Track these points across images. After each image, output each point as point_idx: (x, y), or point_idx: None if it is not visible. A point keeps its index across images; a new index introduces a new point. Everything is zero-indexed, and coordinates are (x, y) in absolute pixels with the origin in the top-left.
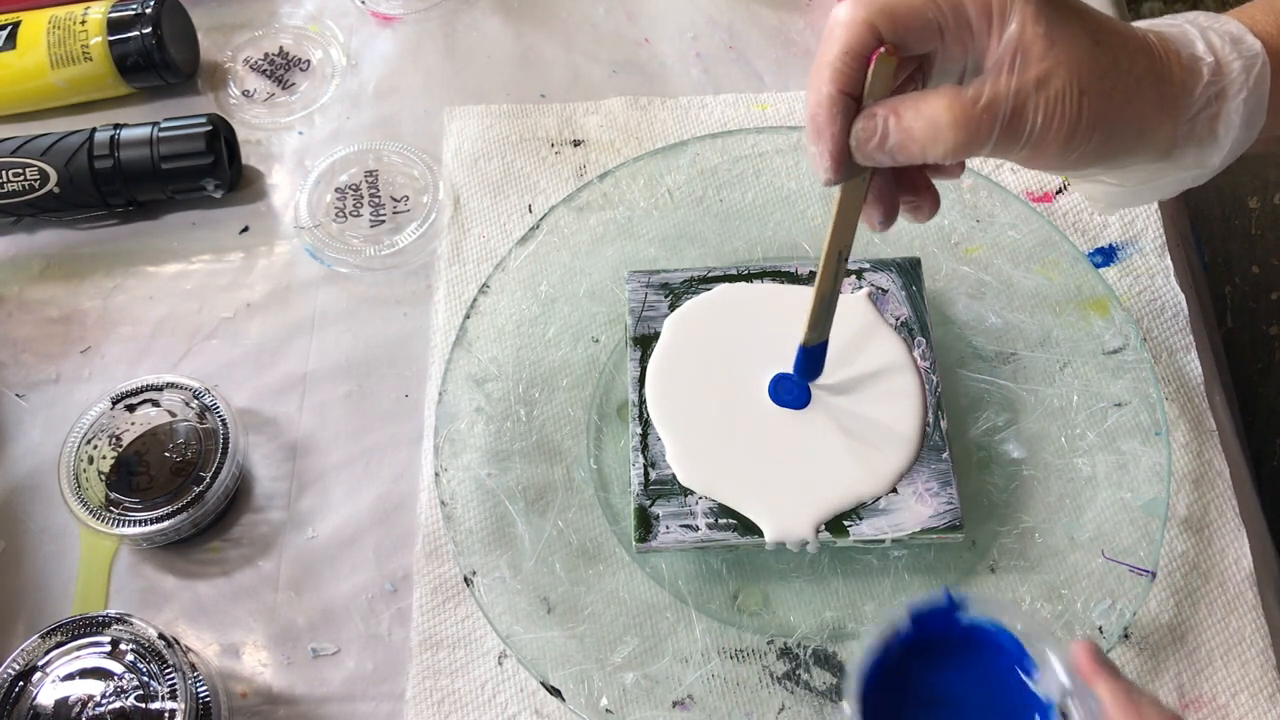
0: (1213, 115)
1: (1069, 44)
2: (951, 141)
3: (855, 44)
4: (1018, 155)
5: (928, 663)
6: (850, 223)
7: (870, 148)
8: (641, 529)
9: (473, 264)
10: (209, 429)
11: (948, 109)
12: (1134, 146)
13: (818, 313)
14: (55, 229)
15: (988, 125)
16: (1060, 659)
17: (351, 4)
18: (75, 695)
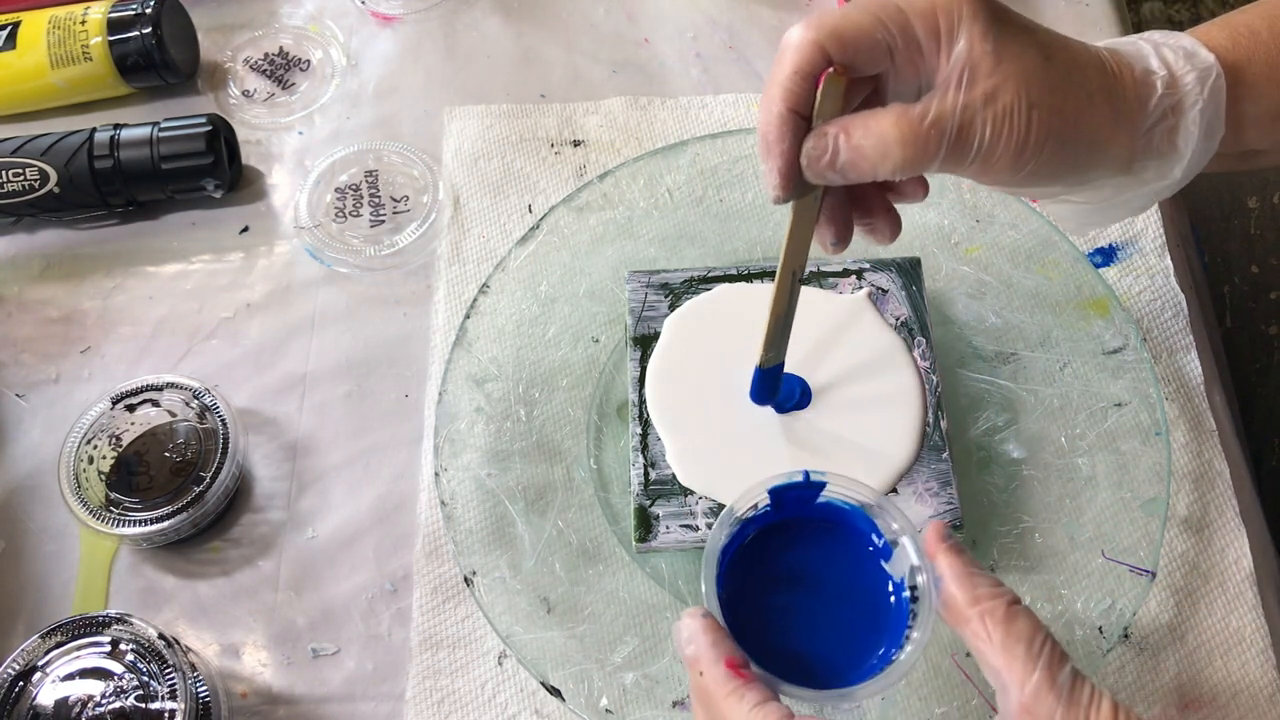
0: (1170, 128)
1: (1018, 60)
2: (899, 157)
3: (805, 65)
4: (968, 170)
5: (785, 542)
6: (803, 243)
7: (821, 165)
8: (641, 529)
9: (473, 264)
10: (209, 429)
11: (894, 125)
12: (1090, 161)
13: (773, 333)
14: (55, 229)
15: (935, 141)
16: (911, 539)
17: (351, 4)
18: (75, 695)
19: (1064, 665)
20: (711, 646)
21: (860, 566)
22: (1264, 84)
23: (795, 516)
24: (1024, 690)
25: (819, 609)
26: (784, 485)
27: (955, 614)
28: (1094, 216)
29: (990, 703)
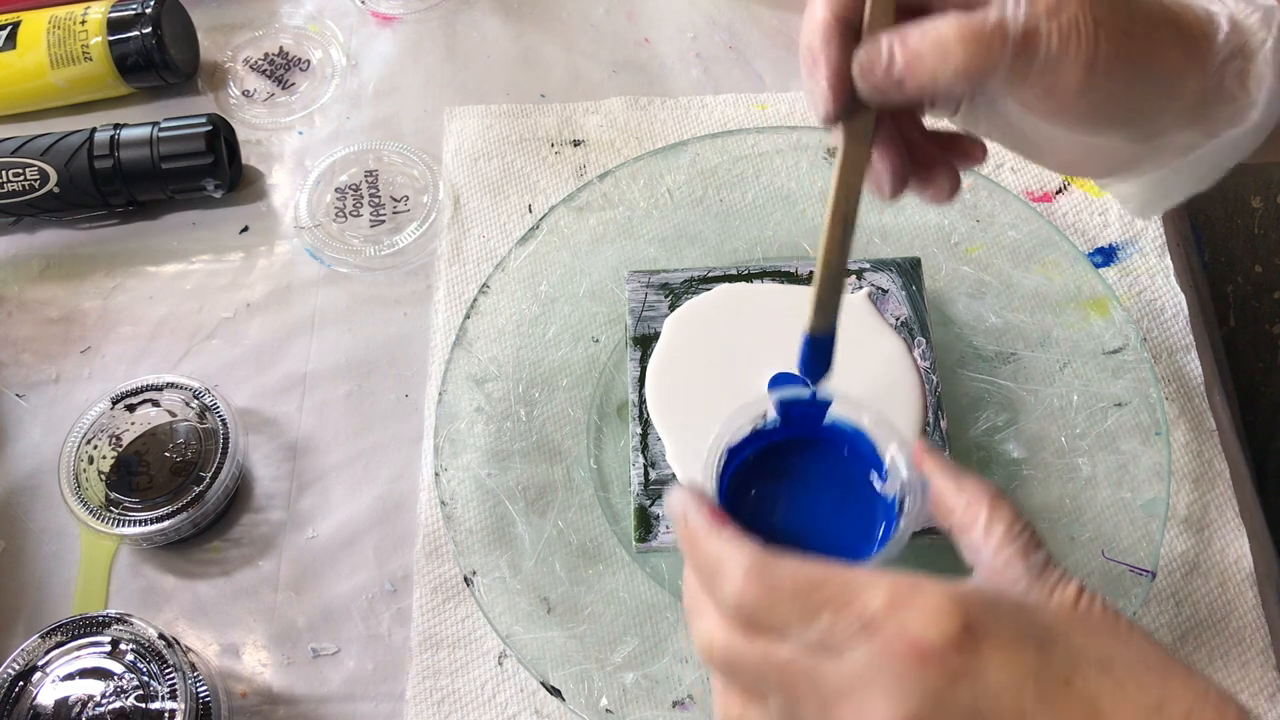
0: (1240, 70)
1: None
2: (960, 58)
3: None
4: (1035, 89)
5: (787, 457)
6: (854, 183)
7: (876, 74)
8: (641, 529)
9: (473, 264)
10: (209, 429)
11: (956, 27)
12: (1160, 102)
13: (824, 293)
14: (55, 229)
15: (999, 42)
16: (904, 458)
17: (351, 4)
18: (75, 695)
19: (1039, 549)
20: (699, 502)
21: (857, 484)
22: None
23: (799, 435)
24: (996, 560)
25: (813, 521)
26: (792, 399)
27: (942, 506)
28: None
29: None
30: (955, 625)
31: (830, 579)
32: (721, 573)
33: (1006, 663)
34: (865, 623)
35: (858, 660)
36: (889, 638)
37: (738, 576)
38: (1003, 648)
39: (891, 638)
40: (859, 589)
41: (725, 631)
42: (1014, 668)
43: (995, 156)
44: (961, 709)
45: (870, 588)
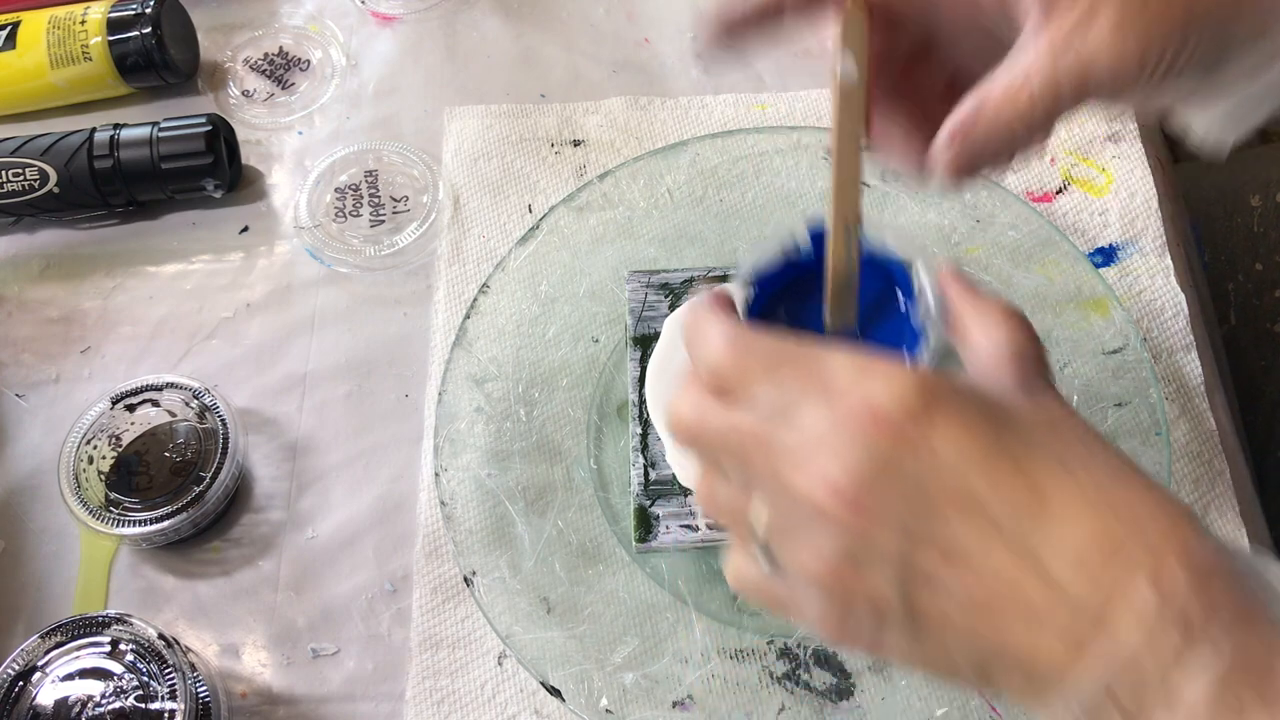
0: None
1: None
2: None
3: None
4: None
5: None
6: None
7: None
8: (641, 529)
9: (473, 264)
10: (209, 429)
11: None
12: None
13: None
14: (55, 229)
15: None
16: (930, 280)
17: (351, 4)
18: (75, 695)
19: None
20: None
21: (886, 310)
22: None
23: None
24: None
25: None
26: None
27: (959, 325)
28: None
29: (991, 704)
30: (914, 396)
31: (803, 351)
32: (705, 342)
33: (959, 437)
34: (826, 388)
35: (814, 423)
36: (845, 402)
37: (719, 343)
38: (958, 423)
39: (848, 402)
40: (828, 360)
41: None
42: (965, 442)
43: None
44: (907, 478)
45: (838, 359)
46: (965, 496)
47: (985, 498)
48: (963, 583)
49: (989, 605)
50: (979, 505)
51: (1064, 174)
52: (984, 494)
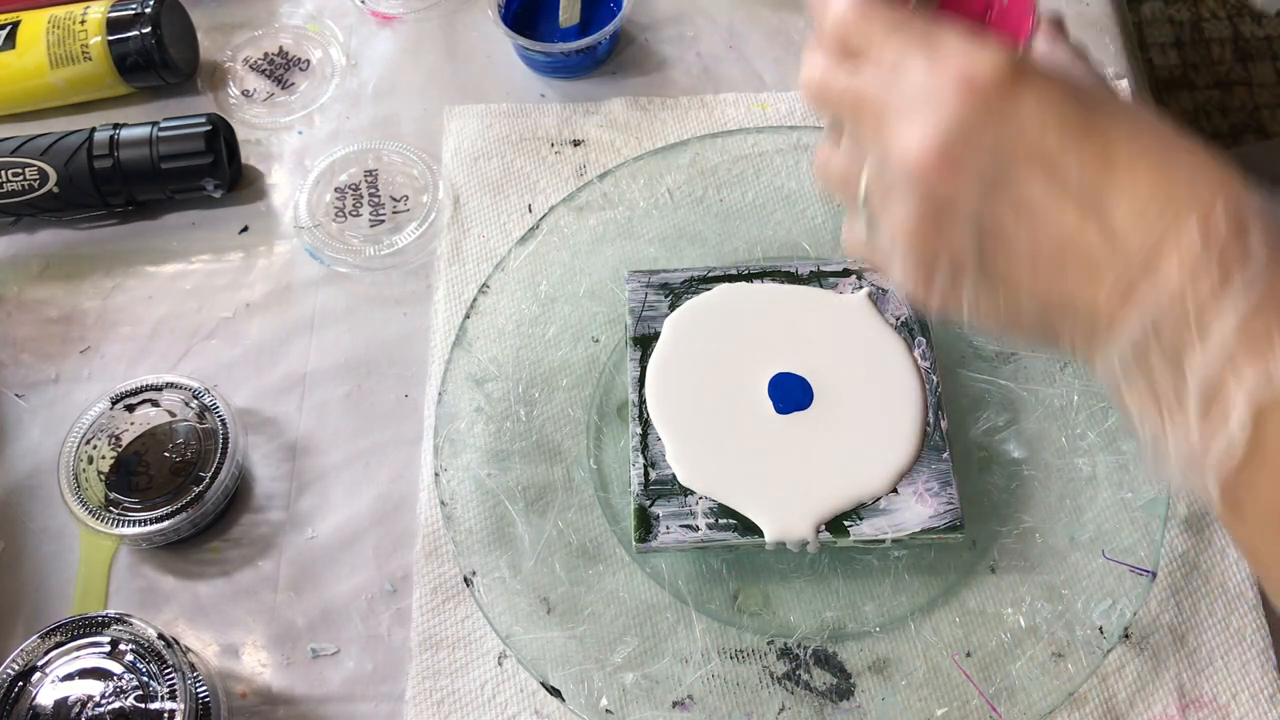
0: None
1: None
2: None
3: None
4: None
5: None
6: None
7: None
8: (641, 529)
9: (473, 264)
10: (209, 429)
11: None
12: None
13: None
14: (55, 229)
15: None
16: None
17: (351, 4)
18: (75, 695)
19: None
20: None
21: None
22: None
23: None
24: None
25: None
26: None
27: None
28: None
29: (991, 704)
30: (1007, 68)
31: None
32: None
33: (1040, 104)
34: (933, 52)
35: (916, 83)
36: (945, 67)
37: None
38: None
39: (948, 67)
40: (939, 30)
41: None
42: (1046, 109)
43: None
44: (987, 140)
45: (951, 31)
46: (1039, 156)
47: (1057, 157)
48: (1032, 237)
49: (1054, 258)
50: (1051, 164)
51: None
52: (1056, 154)
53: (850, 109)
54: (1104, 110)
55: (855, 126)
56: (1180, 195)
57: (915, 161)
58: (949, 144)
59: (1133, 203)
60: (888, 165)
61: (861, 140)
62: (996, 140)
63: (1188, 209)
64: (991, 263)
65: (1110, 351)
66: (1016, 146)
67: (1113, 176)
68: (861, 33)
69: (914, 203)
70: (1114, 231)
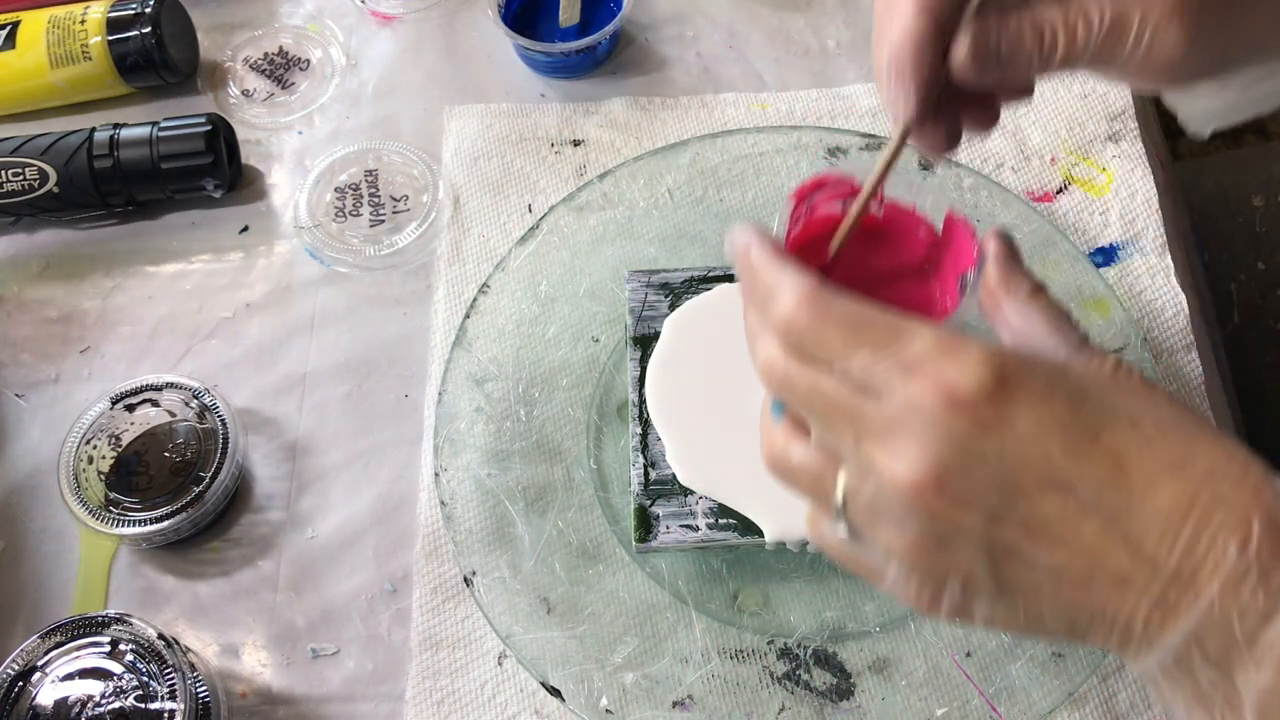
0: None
1: None
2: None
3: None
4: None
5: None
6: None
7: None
8: (641, 529)
9: (473, 264)
10: (208, 429)
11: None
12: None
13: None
14: (55, 229)
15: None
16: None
17: (351, 4)
18: (75, 695)
19: (1078, 328)
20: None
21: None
22: None
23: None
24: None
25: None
26: None
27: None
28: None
29: (991, 704)
30: (990, 376)
31: (879, 319)
32: (777, 298)
33: (1037, 415)
34: (905, 365)
35: (894, 401)
36: (926, 383)
37: (791, 301)
38: (1035, 401)
39: (928, 383)
40: (904, 332)
41: (783, 354)
42: (1044, 420)
43: (995, 156)
44: (988, 457)
45: (915, 333)
46: (1047, 472)
47: (1067, 472)
48: (1051, 555)
49: (1079, 574)
50: (1062, 479)
51: (1064, 173)
52: (1065, 468)
53: (820, 414)
54: (1102, 408)
55: (826, 430)
56: (1206, 501)
57: (909, 489)
58: (946, 471)
59: (1157, 517)
60: (876, 487)
61: (835, 446)
62: (997, 460)
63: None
64: (1008, 580)
65: (1148, 658)
66: (1018, 461)
67: (1130, 489)
68: (817, 339)
69: (913, 528)
70: (1141, 548)
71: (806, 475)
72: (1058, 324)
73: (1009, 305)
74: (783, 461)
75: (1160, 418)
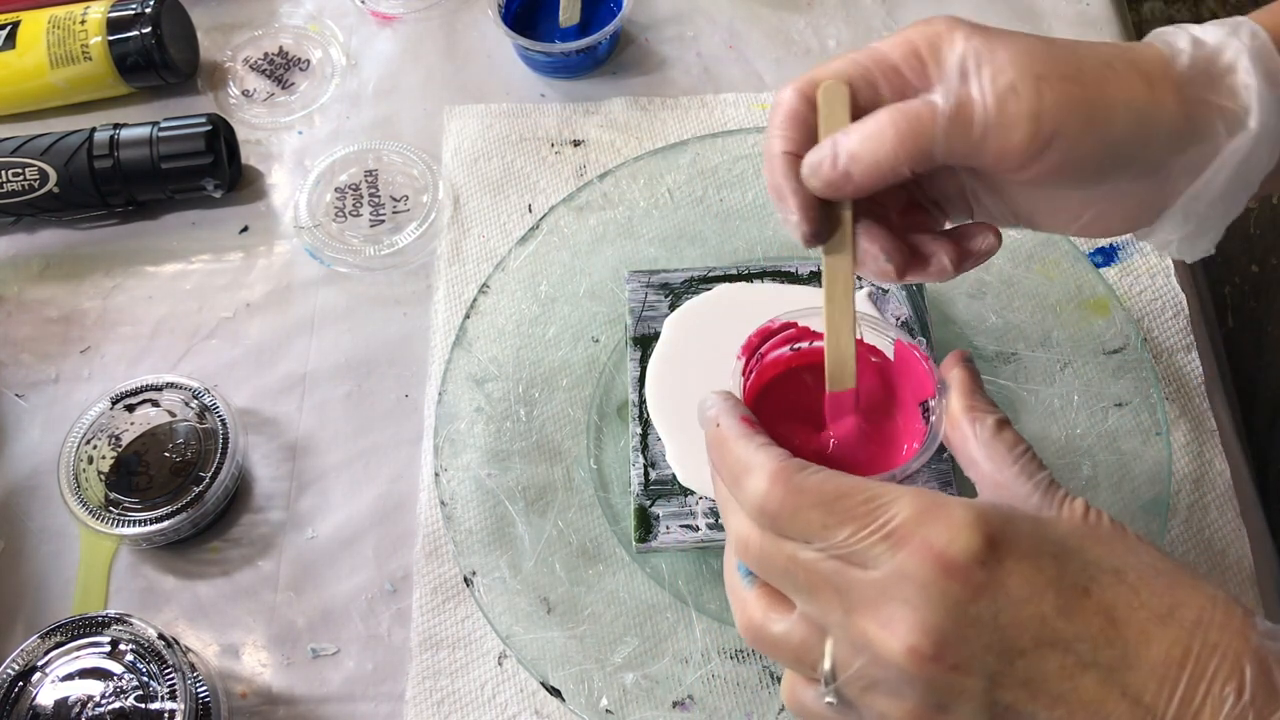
0: (1218, 76)
1: (1014, 46)
2: (894, 140)
3: (793, 111)
4: (991, 151)
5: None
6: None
7: (824, 171)
8: (641, 529)
9: (473, 264)
10: (209, 429)
11: (889, 114)
12: (1138, 127)
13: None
14: (55, 229)
15: (928, 118)
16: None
17: (351, 4)
18: (75, 695)
19: (1043, 469)
20: (731, 405)
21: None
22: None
23: None
24: (1001, 476)
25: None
26: None
27: (951, 418)
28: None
29: None
30: (978, 539)
31: (855, 491)
32: (747, 477)
33: (1028, 575)
34: (889, 535)
35: (883, 571)
36: (914, 550)
37: (763, 482)
38: (1023, 560)
39: (916, 550)
40: (883, 502)
41: (757, 530)
42: (1035, 580)
43: None
44: (984, 621)
45: (894, 502)
46: (1043, 631)
47: (1062, 630)
48: (1052, 712)
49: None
50: (1058, 638)
51: None
52: (1060, 627)
53: (803, 587)
54: (1086, 561)
55: (809, 603)
56: (1199, 650)
57: (907, 658)
58: (943, 637)
59: (1154, 669)
60: (870, 657)
61: (819, 617)
62: (992, 623)
63: (1212, 665)
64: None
65: None
66: (1016, 627)
67: (1125, 642)
68: (794, 518)
69: (912, 696)
70: (1141, 699)
71: (789, 647)
72: (1026, 467)
73: (976, 449)
74: (762, 633)
75: (1140, 565)
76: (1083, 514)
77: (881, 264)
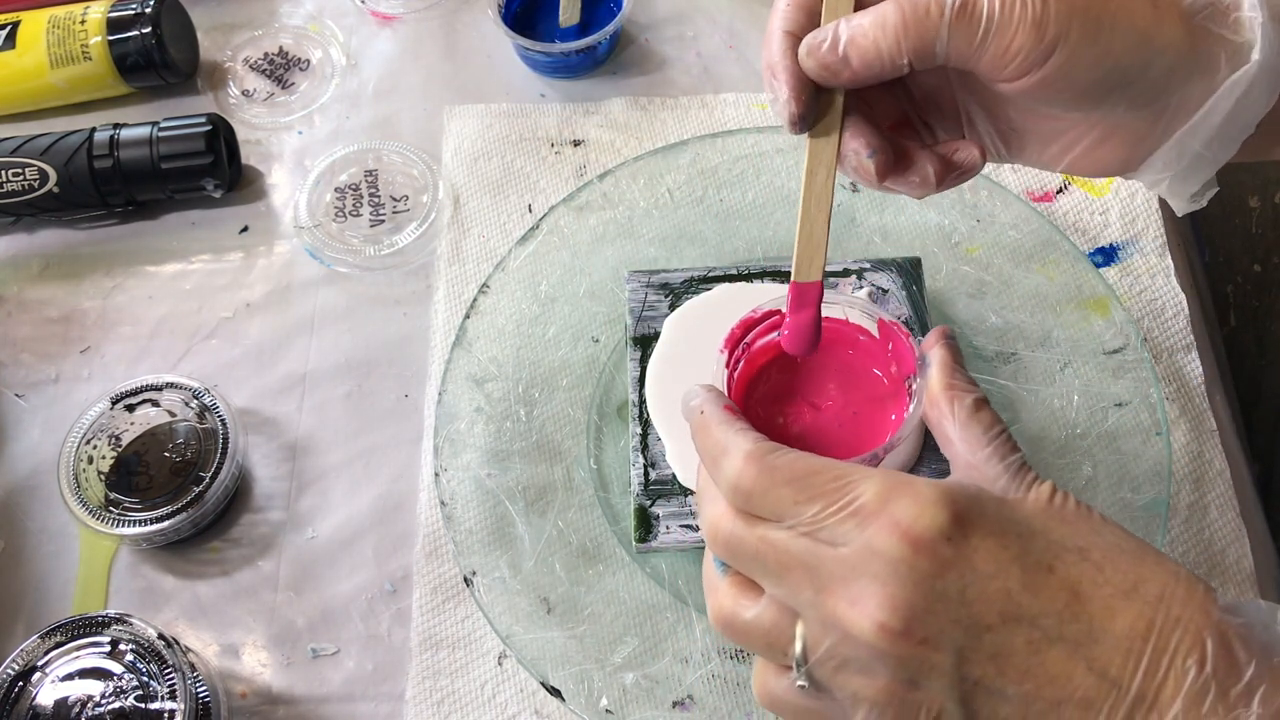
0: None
1: None
2: (897, 26)
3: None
4: (990, 53)
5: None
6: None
7: (823, 52)
8: (641, 529)
9: (473, 264)
10: (209, 429)
11: (894, 3)
12: (1139, 49)
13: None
14: (55, 229)
15: (935, 11)
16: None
17: (351, 4)
18: (75, 695)
19: (1015, 452)
20: (714, 395)
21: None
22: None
23: None
24: (973, 457)
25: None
26: None
27: (930, 396)
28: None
29: None
30: (945, 515)
31: (825, 469)
32: (724, 458)
33: (993, 551)
34: (857, 511)
35: (851, 548)
36: (881, 526)
37: (738, 461)
38: (989, 538)
39: (884, 526)
40: (851, 480)
41: (729, 515)
42: (1000, 556)
43: None
44: (951, 596)
45: (863, 480)
46: (1009, 606)
47: (1029, 606)
48: (1020, 685)
49: (1048, 702)
50: (1024, 614)
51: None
52: (1027, 603)
53: (772, 569)
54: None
55: (778, 585)
56: (1162, 623)
57: (878, 634)
58: (912, 612)
59: (1118, 642)
60: (840, 635)
61: (789, 599)
62: (959, 598)
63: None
64: (979, 712)
65: None
66: (983, 602)
67: (1090, 617)
68: (765, 496)
69: (883, 672)
70: (1106, 672)
71: (760, 632)
72: (1000, 449)
73: (951, 428)
74: (733, 621)
75: (1104, 543)
76: (1049, 496)
77: (864, 159)
